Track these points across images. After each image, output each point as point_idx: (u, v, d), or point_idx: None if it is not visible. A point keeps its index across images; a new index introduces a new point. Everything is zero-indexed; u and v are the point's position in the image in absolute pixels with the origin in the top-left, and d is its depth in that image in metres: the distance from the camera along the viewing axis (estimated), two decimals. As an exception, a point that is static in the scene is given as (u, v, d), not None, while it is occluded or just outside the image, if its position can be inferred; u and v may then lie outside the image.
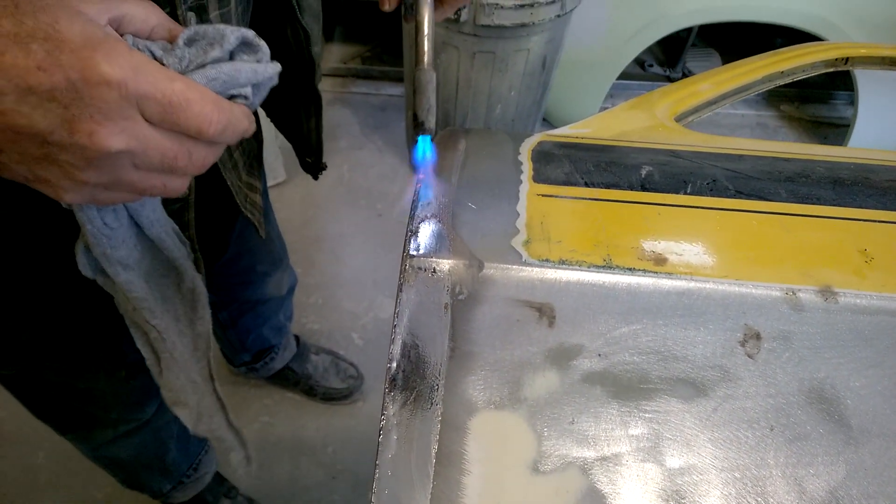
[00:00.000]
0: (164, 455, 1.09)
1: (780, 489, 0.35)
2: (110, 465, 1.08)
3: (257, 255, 1.09)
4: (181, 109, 0.33)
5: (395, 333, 0.42)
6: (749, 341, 0.42)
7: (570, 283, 0.45)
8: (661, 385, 0.40)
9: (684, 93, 0.79)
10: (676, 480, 0.36)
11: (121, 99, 0.31)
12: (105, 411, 0.86)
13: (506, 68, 1.71)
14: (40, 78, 0.29)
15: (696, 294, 0.45)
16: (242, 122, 0.37)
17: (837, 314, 0.44)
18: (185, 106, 0.33)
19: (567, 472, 0.36)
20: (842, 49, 0.94)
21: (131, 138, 0.32)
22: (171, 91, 0.33)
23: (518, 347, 0.41)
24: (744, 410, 0.39)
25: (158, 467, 1.12)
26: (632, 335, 0.42)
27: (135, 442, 0.98)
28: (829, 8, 2.02)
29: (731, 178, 0.55)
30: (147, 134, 0.33)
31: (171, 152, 0.35)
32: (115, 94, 0.31)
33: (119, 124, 0.31)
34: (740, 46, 2.51)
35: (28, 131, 0.30)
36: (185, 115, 0.34)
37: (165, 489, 1.18)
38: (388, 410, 0.38)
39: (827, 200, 0.53)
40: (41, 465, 1.44)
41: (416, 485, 0.35)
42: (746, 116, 2.66)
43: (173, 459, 1.12)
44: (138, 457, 1.04)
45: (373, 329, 1.75)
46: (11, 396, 0.77)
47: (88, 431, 0.92)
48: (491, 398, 0.39)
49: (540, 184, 0.52)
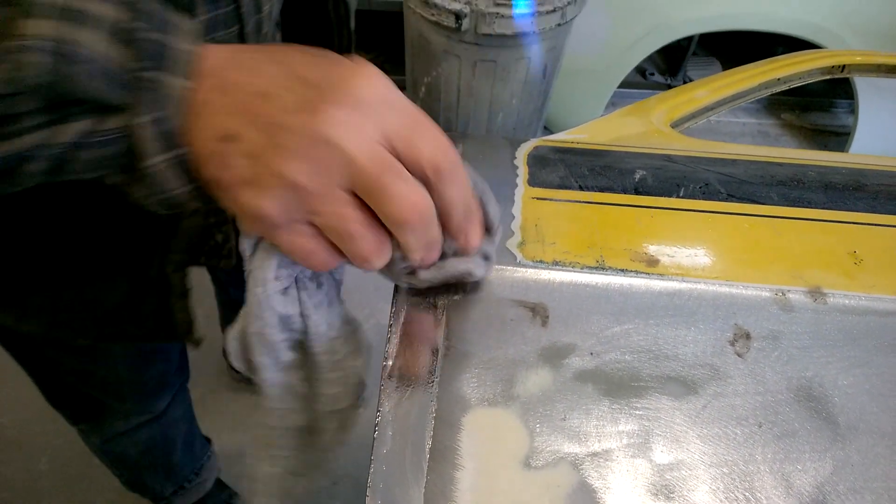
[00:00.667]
0: (170, 454, 1.10)
1: (767, 484, 0.36)
2: (116, 462, 1.09)
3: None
4: (420, 130, 0.31)
5: (391, 332, 0.43)
6: (739, 341, 0.43)
7: (564, 283, 0.46)
8: (651, 383, 0.41)
9: (680, 99, 0.80)
10: (666, 475, 0.36)
11: (374, 96, 0.29)
12: (120, 401, 0.87)
13: (507, 77, 1.72)
14: (307, 70, 0.30)
15: (687, 294, 0.46)
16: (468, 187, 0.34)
17: (826, 314, 0.45)
18: (424, 127, 0.31)
19: (558, 467, 0.37)
20: (838, 56, 0.95)
21: (355, 135, 0.29)
22: (413, 107, 0.31)
23: (512, 346, 0.42)
24: (733, 408, 0.40)
25: (163, 467, 1.12)
26: (624, 334, 0.43)
27: (143, 437, 0.99)
28: (828, 17, 2.03)
29: (723, 181, 0.56)
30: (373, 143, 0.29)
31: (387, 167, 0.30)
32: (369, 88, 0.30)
33: (355, 118, 0.29)
34: (741, 55, 2.52)
35: (268, 107, 0.29)
36: (421, 136, 0.31)
37: (167, 492, 1.19)
38: (383, 407, 0.39)
39: (818, 204, 0.54)
40: (43, 470, 1.45)
41: (411, 479, 0.36)
42: (747, 125, 2.67)
43: (179, 460, 1.13)
44: (146, 453, 1.04)
45: (374, 336, 1.75)
46: (15, 402, 0.78)
47: (101, 422, 0.93)
48: (484, 395, 0.39)
49: (535, 187, 0.53)
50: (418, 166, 0.31)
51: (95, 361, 0.77)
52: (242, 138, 0.29)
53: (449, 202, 0.33)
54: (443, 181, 0.32)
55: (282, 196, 0.29)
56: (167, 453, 1.09)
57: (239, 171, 0.30)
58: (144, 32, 0.28)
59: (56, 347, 0.72)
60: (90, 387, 0.82)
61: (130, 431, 0.96)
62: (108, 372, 0.79)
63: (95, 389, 0.83)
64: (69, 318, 0.60)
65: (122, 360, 0.78)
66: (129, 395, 0.87)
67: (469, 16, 1.55)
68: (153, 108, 0.28)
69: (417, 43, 1.77)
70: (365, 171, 0.29)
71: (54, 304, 0.58)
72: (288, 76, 0.29)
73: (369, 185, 0.29)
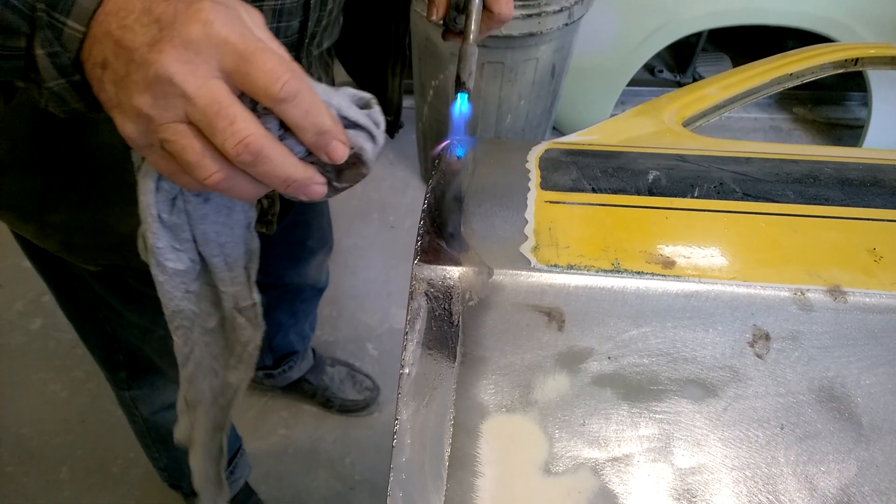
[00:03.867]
0: None
1: (791, 487, 0.36)
2: (159, 442, 1.12)
3: (311, 228, 1.11)
4: (254, 63, 0.34)
5: (408, 340, 0.43)
6: (758, 342, 0.43)
7: (579, 287, 0.46)
8: (670, 386, 0.40)
9: (692, 97, 0.79)
10: (687, 479, 0.36)
11: (204, 36, 0.33)
12: (174, 368, 0.90)
13: (515, 78, 1.72)
14: (161, 5, 0.34)
15: (704, 296, 0.45)
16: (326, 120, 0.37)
17: (847, 313, 0.44)
18: (259, 60, 0.34)
19: (579, 472, 0.36)
20: (851, 50, 0.94)
21: (189, 72, 0.33)
22: (251, 43, 0.34)
23: (528, 351, 0.42)
24: (754, 410, 0.39)
25: None
26: (641, 338, 0.43)
27: None
28: (839, 9, 2.01)
29: (738, 180, 0.55)
30: (207, 79, 0.34)
31: (218, 105, 0.34)
32: (201, 29, 0.33)
33: (188, 56, 0.33)
34: (751, 50, 2.51)
35: (126, 44, 0.34)
36: (256, 68, 0.34)
37: None
38: (401, 415, 0.39)
39: (835, 201, 0.53)
40: (64, 480, 1.46)
41: (430, 487, 0.35)
42: (759, 120, 2.65)
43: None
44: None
45: (388, 340, 1.76)
46: (35, 412, 0.81)
47: (153, 389, 0.97)
48: (502, 402, 0.39)
49: (547, 191, 0.53)
50: (256, 96, 0.35)
51: (156, 321, 0.79)
52: (110, 66, 0.35)
53: (293, 124, 0.36)
54: (281, 106, 0.35)
55: (136, 122, 0.35)
56: None
57: (110, 95, 0.36)
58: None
59: (119, 296, 0.76)
60: (149, 344, 0.86)
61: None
62: (168, 331, 0.81)
63: (153, 350, 0.87)
64: (84, 242, 0.63)
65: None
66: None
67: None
68: (47, 45, 0.35)
69: (424, 46, 1.78)
70: (198, 107, 0.34)
71: (72, 224, 0.62)
72: (145, 10, 0.34)
73: (201, 120, 0.34)
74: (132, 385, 0.96)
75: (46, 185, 0.59)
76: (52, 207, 0.61)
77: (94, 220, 0.62)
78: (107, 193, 0.60)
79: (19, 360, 1.66)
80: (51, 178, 0.58)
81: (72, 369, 1.65)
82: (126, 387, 0.97)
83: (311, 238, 1.14)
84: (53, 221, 0.62)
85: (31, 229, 0.64)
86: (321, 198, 0.41)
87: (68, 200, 0.60)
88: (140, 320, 0.81)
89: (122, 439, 1.49)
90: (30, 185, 0.59)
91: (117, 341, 0.87)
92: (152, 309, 0.79)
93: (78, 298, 0.80)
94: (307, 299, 1.34)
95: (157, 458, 1.17)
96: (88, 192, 0.60)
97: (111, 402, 1.57)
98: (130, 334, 0.84)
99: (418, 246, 0.47)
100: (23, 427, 1.54)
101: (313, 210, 1.06)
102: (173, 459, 1.17)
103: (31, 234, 0.65)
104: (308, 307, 1.38)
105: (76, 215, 0.62)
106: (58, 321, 1.73)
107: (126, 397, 1.00)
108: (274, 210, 0.66)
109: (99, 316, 0.82)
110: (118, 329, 0.84)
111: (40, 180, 0.59)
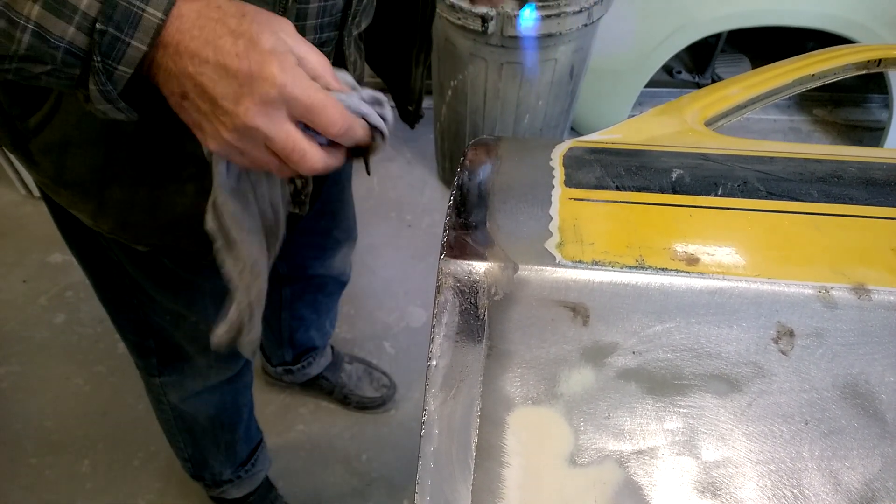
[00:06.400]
0: (235, 425, 1.17)
1: (815, 481, 0.36)
2: (186, 431, 1.15)
3: (336, 218, 1.13)
4: (317, 112, 0.45)
5: (435, 333, 0.43)
6: (782, 338, 0.43)
7: (604, 283, 0.46)
8: (695, 381, 0.41)
9: (713, 97, 0.79)
10: (712, 473, 0.37)
11: (277, 95, 0.43)
12: (204, 355, 0.94)
13: (533, 78, 1.72)
14: (235, 62, 0.42)
15: (728, 293, 0.46)
16: (359, 131, 0.49)
17: (871, 311, 0.45)
18: (320, 110, 0.45)
19: (604, 464, 0.37)
20: (874, 51, 0.94)
21: (270, 123, 0.44)
22: (314, 98, 0.44)
23: (553, 345, 0.42)
24: (778, 405, 0.40)
25: (226, 443, 1.19)
26: (665, 333, 0.43)
27: (216, 400, 1.08)
28: (860, 11, 1.99)
29: (761, 179, 0.55)
30: (283, 125, 0.44)
31: (292, 143, 0.45)
32: (275, 91, 0.42)
33: (267, 110, 0.43)
34: (771, 51, 2.49)
35: (209, 91, 0.42)
36: (318, 117, 0.45)
37: (225, 475, 1.24)
38: (429, 406, 0.39)
39: (859, 200, 0.53)
40: (86, 472, 1.49)
41: (458, 477, 0.36)
42: (779, 121, 2.63)
43: (240, 436, 1.20)
44: (215, 419, 1.12)
45: (404, 339, 1.77)
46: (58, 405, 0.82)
47: (183, 375, 1.00)
48: (528, 394, 0.40)
49: (572, 188, 0.54)
50: (317, 130, 0.46)
51: (189, 305, 0.84)
52: (192, 100, 0.44)
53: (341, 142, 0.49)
54: (335, 139, 0.48)
55: (222, 147, 0.46)
56: (233, 423, 1.16)
57: (194, 119, 0.45)
58: (104, 25, 0.39)
59: (155, 280, 0.79)
60: (181, 331, 0.89)
61: (206, 392, 1.04)
62: (200, 316, 0.86)
63: (185, 336, 0.90)
64: (139, 220, 0.68)
65: (211, 304, 0.83)
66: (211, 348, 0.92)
67: (495, 18, 1.56)
68: (100, 83, 0.42)
69: (443, 47, 1.78)
70: (277, 145, 0.45)
71: (129, 201, 0.66)
72: (220, 66, 0.42)
73: (279, 152, 0.46)
74: (163, 371, 0.98)
75: (108, 158, 0.62)
76: (113, 181, 0.64)
77: (150, 198, 0.66)
78: (161, 171, 0.64)
79: (43, 355, 1.69)
80: (112, 151, 0.62)
81: (94, 364, 1.67)
82: (157, 373, 0.99)
83: (337, 228, 1.15)
84: (113, 197, 0.65)
85: (90, 207, 0.67)
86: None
87: (128, 176, 0.64)
88: (173, 305, 0.84)
89: (144, 433, 1.51)
90: (92, 160, 0.62)
91: (150, 327, 0.89)
92: (186, 294, 0.82)
93: (114, 284, 0.82)
94: (331, 293, 1.35)
95: (182, 448, 1.19)
96: (145, 168, 0.63)
97: (133, 396, 1.60)
98: (163, 320, 0.87)
99: (444, 241, 0.47)
100: (46, 420, 1.56)
101: (339, 199, 1.08)
102: (198, 449, 1.19)
103: (88, 213, 0.68)
104: (331, 301, 1.39)
105: (134, 191, 0.65)
106: (81, 316, 1.76)
107: (156, 384, 1.02)
108: (307, 190, 0.72)
109: (133, 301, 0.84)
110: (151, 314, 0.86)
111: (102, 153, 0.62)
